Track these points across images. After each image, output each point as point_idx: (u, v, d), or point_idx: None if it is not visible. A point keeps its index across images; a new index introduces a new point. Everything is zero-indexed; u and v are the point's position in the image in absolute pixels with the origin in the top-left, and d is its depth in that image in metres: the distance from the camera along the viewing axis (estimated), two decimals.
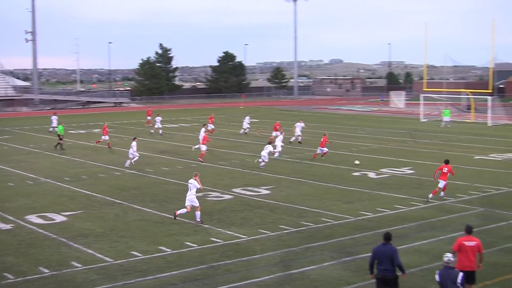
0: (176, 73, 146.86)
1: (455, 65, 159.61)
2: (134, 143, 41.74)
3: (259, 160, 41.12)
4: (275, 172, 38.56)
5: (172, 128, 64.60)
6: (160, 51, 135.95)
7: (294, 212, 28.33)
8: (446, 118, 70.58)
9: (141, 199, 31.09)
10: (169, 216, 27.42)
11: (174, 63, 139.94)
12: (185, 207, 26.63)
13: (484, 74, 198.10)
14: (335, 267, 20.60)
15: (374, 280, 16.48)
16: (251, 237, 24.17)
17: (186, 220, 26.68)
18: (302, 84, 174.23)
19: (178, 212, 26.76)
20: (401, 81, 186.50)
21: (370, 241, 23.62)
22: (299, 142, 53.09)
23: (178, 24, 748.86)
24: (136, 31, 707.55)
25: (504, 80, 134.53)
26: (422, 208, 29.18)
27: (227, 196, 31.54)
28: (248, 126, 61.48)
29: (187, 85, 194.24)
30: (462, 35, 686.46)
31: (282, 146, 45.30)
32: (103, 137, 51.70)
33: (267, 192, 32.80)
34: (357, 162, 41.42)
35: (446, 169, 31.11)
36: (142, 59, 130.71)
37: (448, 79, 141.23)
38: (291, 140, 52.89)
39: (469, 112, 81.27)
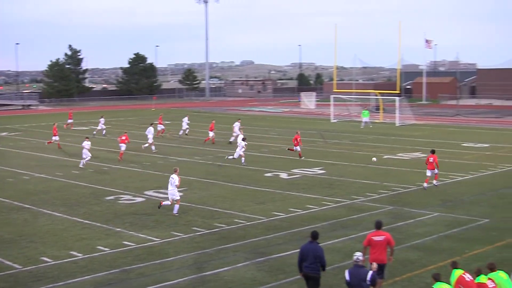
0: (86, 75, 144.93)
1: (364, 66, 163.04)
2: (86, 143, 41.84)
3: (230, 157, 42.11)
4: (187, 174, 38.41)
5: (83, 131, 63.53)
6: (69, 53, 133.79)
7: (206, 213, 28.34)
8: (365, 119, 71.88)
9: (51, 203, 30.52)
10: (80, 220, 27.08)
11: (84, 65, 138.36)
12: (169, 200, 28.50)
13: (392, 75, 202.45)
14: (248, 267, 20.71)
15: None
16: (164, 240, 24.06)
17: (98, 224, 26.38)
18: (213, 86, 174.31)
19: (164, 202, 28.47)
20: (311, 82, 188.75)
21: (283, 241, 23.88)
22: (230, 142, 54.33)
23: (87, 25, 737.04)
24: (44, 31, 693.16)
25: (411, 81, 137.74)
26: (333, 207, 29.63)
27: (139, 199, 31.30)
28: (187, 126, 61.50)
29: (97, 87, 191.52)
30: (371, 36, 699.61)
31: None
32: (53, 137, 51.54)
33: (180, 194, 32.63)
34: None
35: (432, 159, 33.75)
36: (51, 61, 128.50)
37: (357, 80, 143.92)
38: (230, 140, 54.51)
39: (378, 112, 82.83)
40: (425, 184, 33.78)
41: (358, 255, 15.55)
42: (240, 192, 33.19)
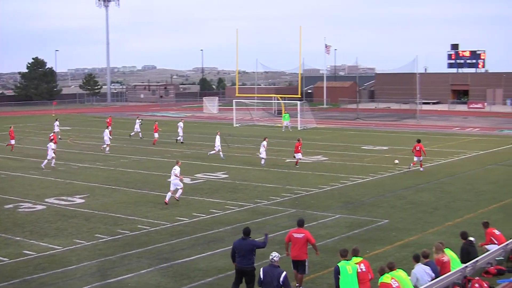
0: None
1: (266, 71, 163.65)
2: (51, 144, 43.14)
3: (260, 155, 44.03)
4: (89, 181, 37.93)
5: None
6: None
7: (109, 220, 28.03)
8: (286, 122, 72.91)
9: None
10: None
11: None
12: (170, 191, 31.30)
13: (293, 79, 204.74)
14: (152, 274, 20.61)
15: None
16: (66, 248, 23.67)
17: None
18: (115, 91, 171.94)
19: (167, 199, 30.93)
20: (214, 86, 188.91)
21: (187, 245, 23.88)
22: (182, 142, 57.97)
23: None
24: None
25: (312, 85, 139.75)
26: (237, 211, 29.79)
27: (39, 207, 30.67)
28: (139, 129, 63.44)
29: None
30: (272, 41, 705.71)
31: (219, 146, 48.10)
32: (11, 141, 52.46)
33: (82, 201, 32.23)
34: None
35: (418, 147, 40.27)
36: None
37: (259, 85, 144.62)
38: (177, 138, 58.65)
39: (280, 116, 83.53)
40: (411, 165, 40.95)
41: (274, 255, 16.02)
42: (143, 198, 32.96)
